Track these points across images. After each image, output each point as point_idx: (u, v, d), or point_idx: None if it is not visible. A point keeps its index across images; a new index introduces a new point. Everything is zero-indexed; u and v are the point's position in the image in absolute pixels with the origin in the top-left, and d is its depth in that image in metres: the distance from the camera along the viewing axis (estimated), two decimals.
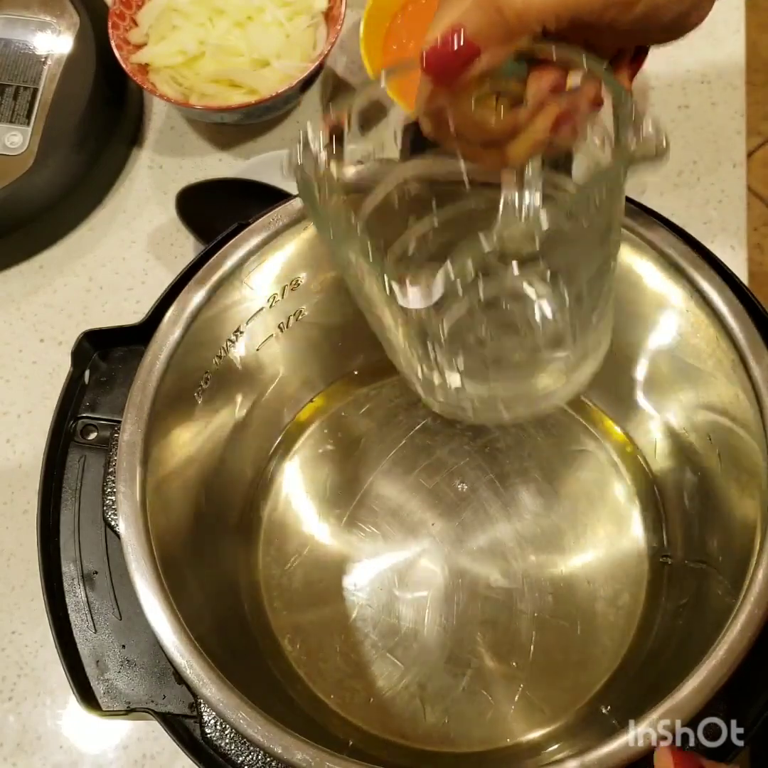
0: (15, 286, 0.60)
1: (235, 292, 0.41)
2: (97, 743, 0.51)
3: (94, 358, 0.43)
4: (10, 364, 0.59)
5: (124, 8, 0.59)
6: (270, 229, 0.41)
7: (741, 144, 0.60)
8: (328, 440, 0.51)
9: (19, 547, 0.54)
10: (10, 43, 0.60)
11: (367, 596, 0.48)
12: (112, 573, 0.40)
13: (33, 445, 0.57)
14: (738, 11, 0.63)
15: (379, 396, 0.52)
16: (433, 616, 0.47)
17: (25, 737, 0.51)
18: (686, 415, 0.45)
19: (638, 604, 0.47)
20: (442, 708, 0.45)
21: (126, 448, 0.37)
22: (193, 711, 0.36)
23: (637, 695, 0.43)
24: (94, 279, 0.60)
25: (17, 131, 0.58)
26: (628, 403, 0.49)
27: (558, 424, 0.51)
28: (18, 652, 0.52)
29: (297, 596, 0.48)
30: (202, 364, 0.42)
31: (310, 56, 0.59)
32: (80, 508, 0.41)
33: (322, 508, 0.50)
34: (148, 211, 0.62)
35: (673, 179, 0.59)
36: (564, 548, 0.48)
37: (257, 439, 0.50)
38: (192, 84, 0.58)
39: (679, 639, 0.43)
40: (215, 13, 0.59)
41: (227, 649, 0.40)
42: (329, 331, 0.49)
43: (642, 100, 0.61)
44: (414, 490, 0.50)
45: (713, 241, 0.57)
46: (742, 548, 0.38)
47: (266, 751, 0.34)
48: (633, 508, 0.49)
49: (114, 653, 0.39)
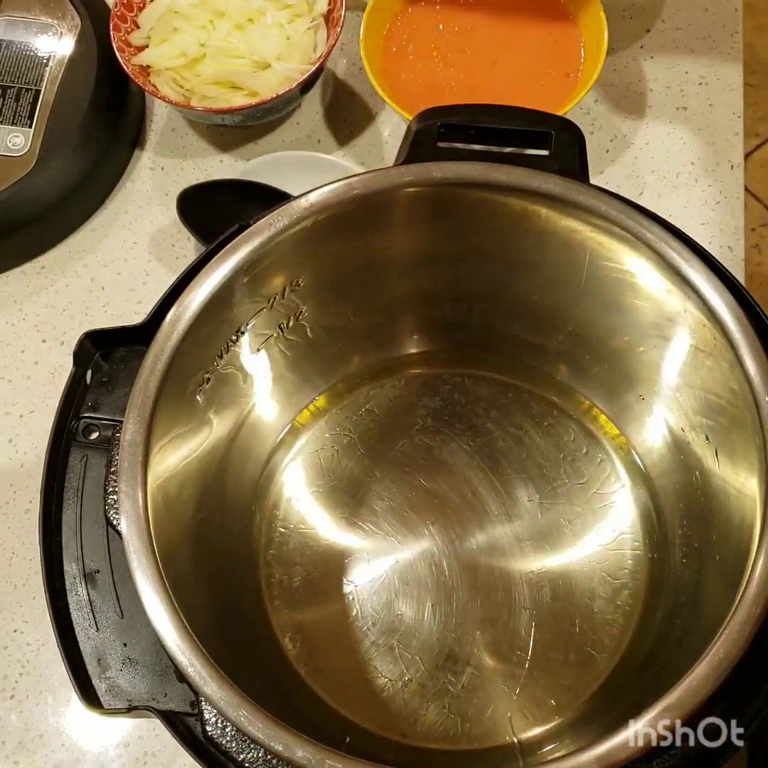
0: (17, 286, 0.61)
1: (235, 293, 0.41)
2: (99, 741, 0.51)
3: (96, 359, 0.43)
4: (12, 365, 0.59)
5: (125, 10, 0.59)
6: (270, 230, 0.41)
7: (739, 145, 0.60)
8: (328, 440, 0.52)
9: (21, 546, 0.55)
10: (12, 44, 0.60)
11: (367, 595, 0.48)
12: (113, 572, 0.40)
13: (35, 445, 0.57)
14: (735, 13, 0.63)
15: (379, 396, 0.52)
16: (433, 614, 0.47)
17: (26, 735, 0.51)
18: (684, 415, 0.45)
19: (637, 602, 0.47)
20: (442, 706, 0.45)
21: (128, 448, 0.37)
22: (194, 709, 0.37)
23: (636, 694, 0.43)
24: (95, 280, 0.60)
25: (19, 133, 0.58)
26: (627, 403, 0.49)
27: (557, 423, 0.51)
28: (20, 650, 0.52)
29: (297, 595, 0.48)
30: (203, 364, 0.42)
31: (310, 58, 0.59)
32: (82, 507, 0.41)
33: (323, 507, 0.50)
34: (149, 212, 0.62)
35: (671, 180, 0.59)
36: (563, 547, 0.48)
37: (258, 439, 0.50)
38: (193, 86, 0.58)
39: (678, 637, 0.43)
40: (216, 16, 0.59)
41: (228, 647, 0.40)
42: (329, 331, 0.49)
43: (640, 102, 0.62)
44: (414, 490, 0.50)
45: (711, 242, 0.57)
46: (740, 547, 0.38)
47: (267, 749, 0.34)
48: (631, 507, 0.49)
49: (115, 651, 0.39)
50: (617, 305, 0.45)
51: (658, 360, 0.45)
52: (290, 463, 0.51)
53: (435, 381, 0.52)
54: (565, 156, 0.42)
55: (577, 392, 0.51)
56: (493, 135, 0.42)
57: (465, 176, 0.41)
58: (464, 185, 0.41)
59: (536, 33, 0.59)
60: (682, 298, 0.40)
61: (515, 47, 0.59)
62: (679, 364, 0.44)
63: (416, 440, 0.51)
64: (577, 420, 0.51)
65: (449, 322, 0.51)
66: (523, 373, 0.52)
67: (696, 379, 0.43)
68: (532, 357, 0.51)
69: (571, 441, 0.51)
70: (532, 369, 0.52)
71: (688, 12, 0.63)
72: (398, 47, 0.59)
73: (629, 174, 0.60)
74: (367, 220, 0.43)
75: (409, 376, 0.53)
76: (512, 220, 0.43)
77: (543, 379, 0.52)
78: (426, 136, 0.42)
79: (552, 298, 0.47)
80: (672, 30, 0.63)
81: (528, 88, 0.58)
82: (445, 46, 0.59)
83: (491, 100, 0.57)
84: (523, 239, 0.44)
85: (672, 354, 0.44)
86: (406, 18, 0.60)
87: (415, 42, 0.59)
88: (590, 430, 0.51)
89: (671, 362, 0.44)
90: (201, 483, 0.44)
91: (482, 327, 0.51)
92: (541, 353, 0.51)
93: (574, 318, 0.48)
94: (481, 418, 0.51)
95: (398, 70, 0.59)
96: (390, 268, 0.47)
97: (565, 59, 0.58)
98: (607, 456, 0.50)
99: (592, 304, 0.46)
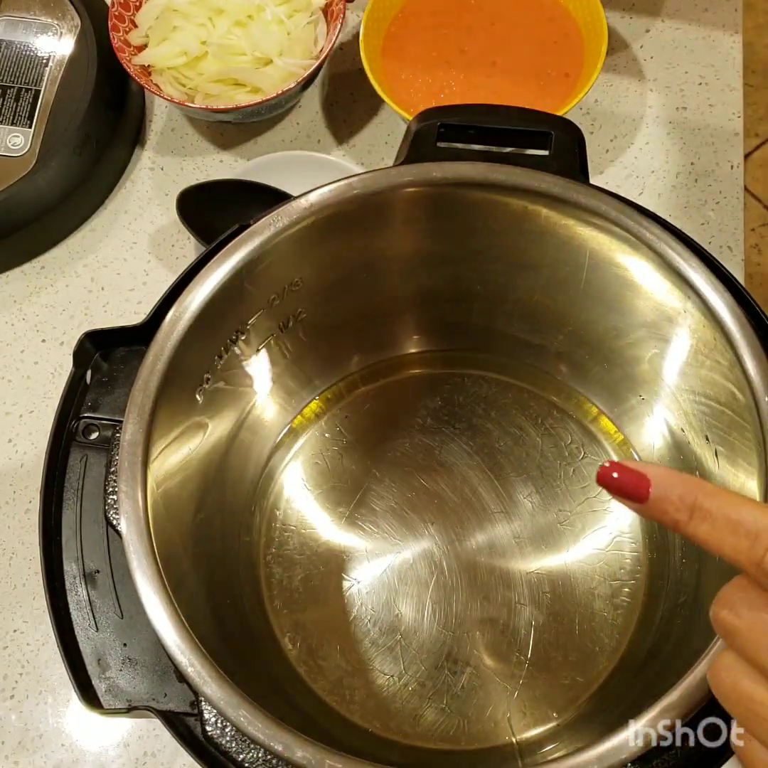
0: (17, 286, 0.61)
1: (235, 292, 0.41)
2: (99, 741, 0.51)
3: (96, 359, 0.43)
4: (12, 365, 0.59)
5: (122, 10, 0.59)
6: (270, 230, 0.41)
7: (738, 145, 0.60)
8: (328, 440, 0.52)
9: (20, 546, 0.55)
10: (11, 44, 0.60)
11: (367, 595, 0.48)
12: (113, 572, 0.40)
13: (35, 445, 0.57)
14: (735, 13, 0.63)
15: (379, 396, 0.52)
16: (432, 614, 0.47)
17: (26, 735, 0.51)
18: (684, 415, 0.45)
19: (636, 602, 0.47)
20: (442, 706, 0.45)
21: (127, 448, 0.37)
22: (194, 709, 0.37)
23: (636, 694, 0.43)
24: (95, 280, 0.60)
25: (19, 133, 0.58)
26: (627, 403, 0.49)
27: (556, 423, 0.51)
28: (20, 650, 0.53)
29: (297, 595, 0.48)
30: (203, 364, 0.42)
31: (311, 52, 0.59)
32: (82, 507, 0.41)
33: (323, 507, 0.50)
34: (149, 212, 0.62)
35: (670, 180, 0.59)
36: (562, 547, 0.48)
37: (258, 439, 0.50)
38: (196, 84, 0.58)
39: (678, 637, 0.43)
40: (215, 13, 0.59)
41: (228, 647, 0.40)
42: (329, 331, 0.49)
43: (640, 102, 0.62)
44: (413, 490, 0.50)
45: (710, 242, 0.58)
46: None
47: (267, 749, 0.34)
48: None
49: (115, 651, 0.39)
50: (617, 305, 0.45)
51: (658, 360, 0.45)
52: (290, 463, 0.51)
53: (435, 381, 0.52)
54: (565, 156, 0.42)
55: (577, 392, 0.51)
56: (493, 135, 0.42)
57: (465, 176, 0.41)
58: (464, 185, 0.41)
59: (536, 33, 0.59)
60: (682, 298, 0.40)
61: (515, 47, 0.59)
62: (679, 364, 0.44)
63: (416, 440, 0.51)
64: (577, 420, 0.51)
65: (449, 322, 0.51)
66: (523, 373, 0.52)
67: (696, 379, 0.43)
68: (532, 357, 0.51)
69: (571, 441, 0.51)
70: (532, 369, 0.52)
71: (688, 12, 0.63)
72: (398, 47, 0.59)
73: (629, 174, 0.60)
74: (367, 220, 0.43)
75: (409, 376, 0.53)
76: (512, 220, 0.43)
77: (543, 379, 0.52)
78: (426, 136, 0.42)
79: (552, 298, 0.47)
80: (672, 30, 0.63)
81: (528, 88, 0.58)
82: (445, 46, 0.59)
83: (491, 100, 0.57)
84: (523, 239, 0.44)
85: (672, 354, 0.44)
86: (406, 18, 0.60)
87: (415, 42, 0.59)
88: (590, 430, 0.51)
89: (671, 362, 0.44)
90: (201, 483, 0.44)
91: (482, 327, 0.51)
92: (541, 353, 0.51)
93: (574, 318, 0.48)
94: (480, 418, 0.51)
95: (398, 70, 0.59)
96: (390, 268, 0.47)
97: (565, 59, 0.58)
98: (606, 455, 0.50)
99: (592, 304, 0.46)
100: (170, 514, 0.39)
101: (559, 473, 0.50)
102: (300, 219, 0.41)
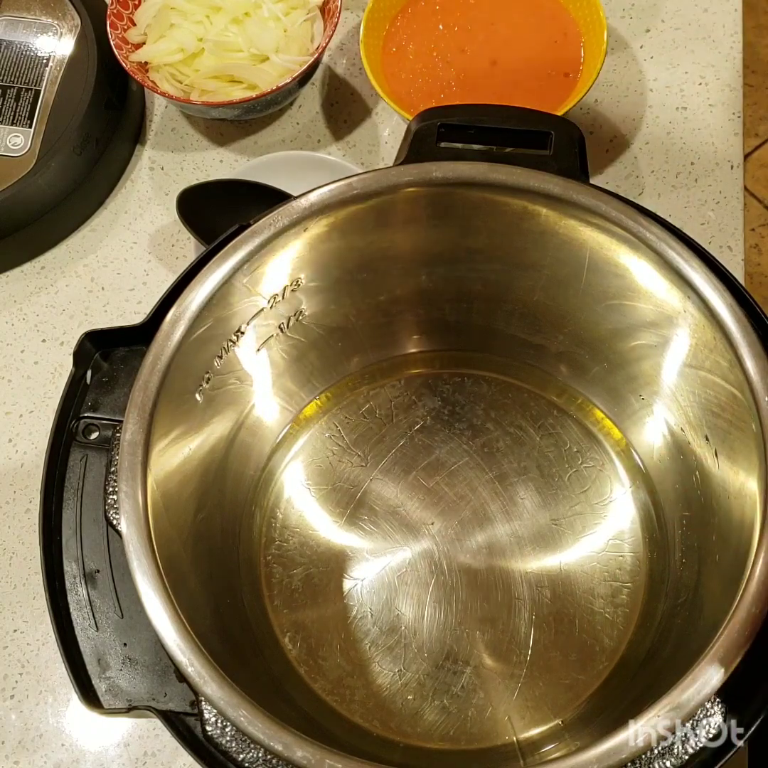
0: (17, 286, 0.61)
1: (235, 292, 0.41)
2: (99, 741, 0.51)
3: (96, 359, 0.43)
4: (12, 365, 0.59)
5: (121, 8, 0.59)
6: (271, 230, 0.41)
7: (738, 145, 0.60)
8: (328, 440, 0.52)
9: (21, 546, 0.55)
10: (11, 44, 0.60)
11: (367, 594, 0.48)
12: (113, 571, 0.40)
13: (35, 445, 0.57)
14: (735, 13, 0.63)
15: (379, 396, 0.52)
16: (433, 614, 0.47)
17: (26, 735, 0.51)
18: (684, 415, 0.45)
19: (636, 602, 0.47)
20: (442, 706, 0.45)
21: (127, 448, 0.37)
22: (194, 709, 0.37)
23: (636, 694, 0.43)
24: (95, 280, 0.60)
25: (19, 133, 0.58)
26: (627, 403, 0.49)
27: (557, 423, 0.51)
28: (20, 650, 0.53)
29: (297, 594, 0.48)
30: (203, 364, 0.42)
31: (308, 49, 0.59)
32: (82, 507, 0.41)
33: (323, 507, 0.50)
34: (149, 212, 0.62)
35: (670, 180, 0.59)
36: (562, 547, 0.48)
37: (258, 439, 0.50)
38: (192, 81, 0.59)
39: (678, 637, 0.43)
40: (212, 11, 0.59)
41: (228, 647, 0.40)
42: (329, 331, 0.49)
43: (640, 102, 0.62)
44: (413, 490, 0.50)
45: (710, 242, 0.57)
46: (740, 546, 0.38)
47: (267, 749, 0.34)
48: (631, 507, 0.49)
49: (115, 651, 0.39)
50: (617, 305, 0.45)
51: (658, 360, 0.45)
52: (290, 462, 0.51)
53: (435, 381, 0.53)
54: (565, 156, 0.42)
55: (577, 392, 0.51)
56: (493, 135, 0.42)
57: (465, 176, 0.41)
58: (464, 185, 0.41)
59: (536, 33, 0.59)
60: (682, 298, 0.40)
61: (515, 47, 0.59)
62: (679, 364, 0.44)
63: (416, 440, 0.51)
64: (577, 420, 0.51)
65: (449, 322, 0.51)
66: (523, 373, 0.52)
67: (696, 379, 0.43)
68: (532, 357, 0.51)
69: (571, 441, 0.51)
70: (532, 369, 0.52)
71: (688, 12, 0.63)
72: (398, 47, 0.59)
73: (629, 174, 0.60)
74: (367, 220, 0.43)
75: (409, 376, 0.53)
76: (512, 220, 0.43)
77: (543, 379, 0.52)
78: (426, 136, 0.42)
79: (552, 298, 0.47)
80: (672, 30, 0.63)
81: (528, 88, 0.58)
82: (445, 46, 0.59)
83: (491, 100, 0.57)
84: (523, 239, 0.44)
85: (672, 354, 0.44)
86: (406, 18, 0.60)
87: (415, 42, 0.59)
88: (590, 430, 0.51)
89: (671, 362, 0.44)
90: (201, 483, 0.44)
91: (482, 327, 0.51)
92: (541, 353, 0.51)
93: (574, 318, 0.48)
94: (480, 418, 0.51)
95: (398, 70, 0.59)
96: (390, 268, 0.47)
97: (565, 59, 0.58)
98: (606, 456, 0.50)
99: (592, 304, 0.46)
100: (170, 514, 0.39)
101: (559, 473, 0.50)
102: (300, 219, 0.41)
